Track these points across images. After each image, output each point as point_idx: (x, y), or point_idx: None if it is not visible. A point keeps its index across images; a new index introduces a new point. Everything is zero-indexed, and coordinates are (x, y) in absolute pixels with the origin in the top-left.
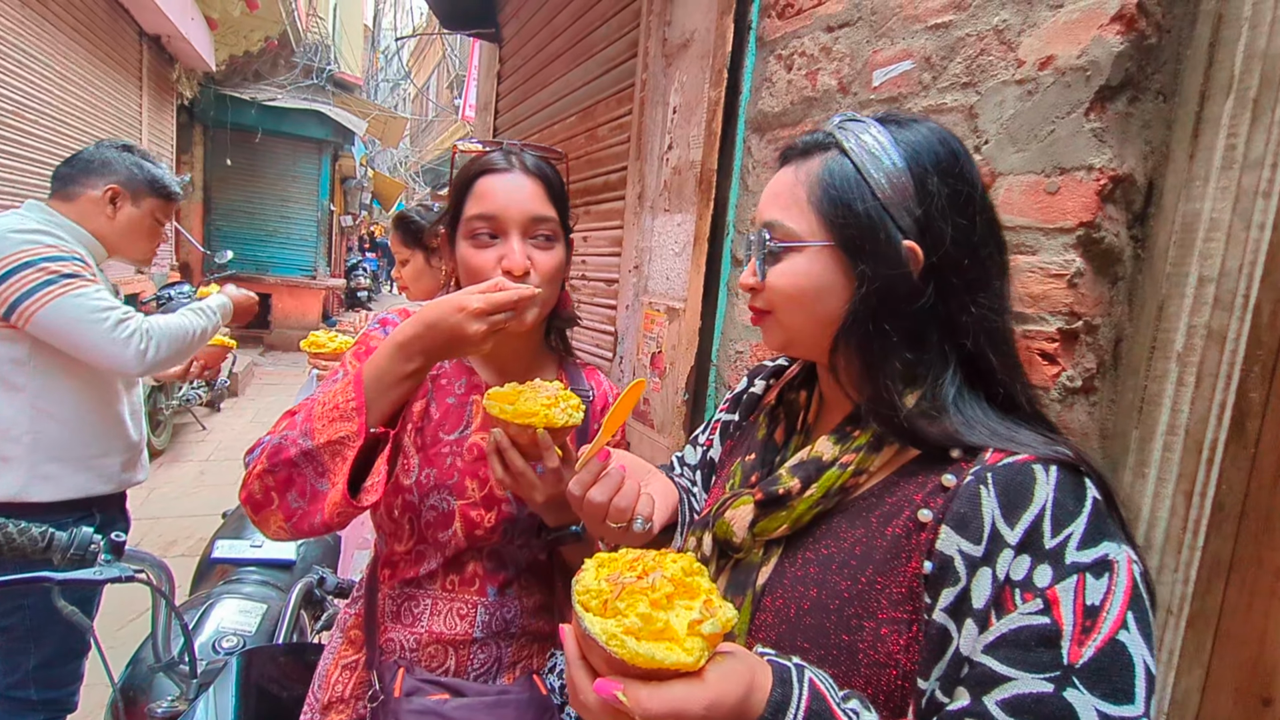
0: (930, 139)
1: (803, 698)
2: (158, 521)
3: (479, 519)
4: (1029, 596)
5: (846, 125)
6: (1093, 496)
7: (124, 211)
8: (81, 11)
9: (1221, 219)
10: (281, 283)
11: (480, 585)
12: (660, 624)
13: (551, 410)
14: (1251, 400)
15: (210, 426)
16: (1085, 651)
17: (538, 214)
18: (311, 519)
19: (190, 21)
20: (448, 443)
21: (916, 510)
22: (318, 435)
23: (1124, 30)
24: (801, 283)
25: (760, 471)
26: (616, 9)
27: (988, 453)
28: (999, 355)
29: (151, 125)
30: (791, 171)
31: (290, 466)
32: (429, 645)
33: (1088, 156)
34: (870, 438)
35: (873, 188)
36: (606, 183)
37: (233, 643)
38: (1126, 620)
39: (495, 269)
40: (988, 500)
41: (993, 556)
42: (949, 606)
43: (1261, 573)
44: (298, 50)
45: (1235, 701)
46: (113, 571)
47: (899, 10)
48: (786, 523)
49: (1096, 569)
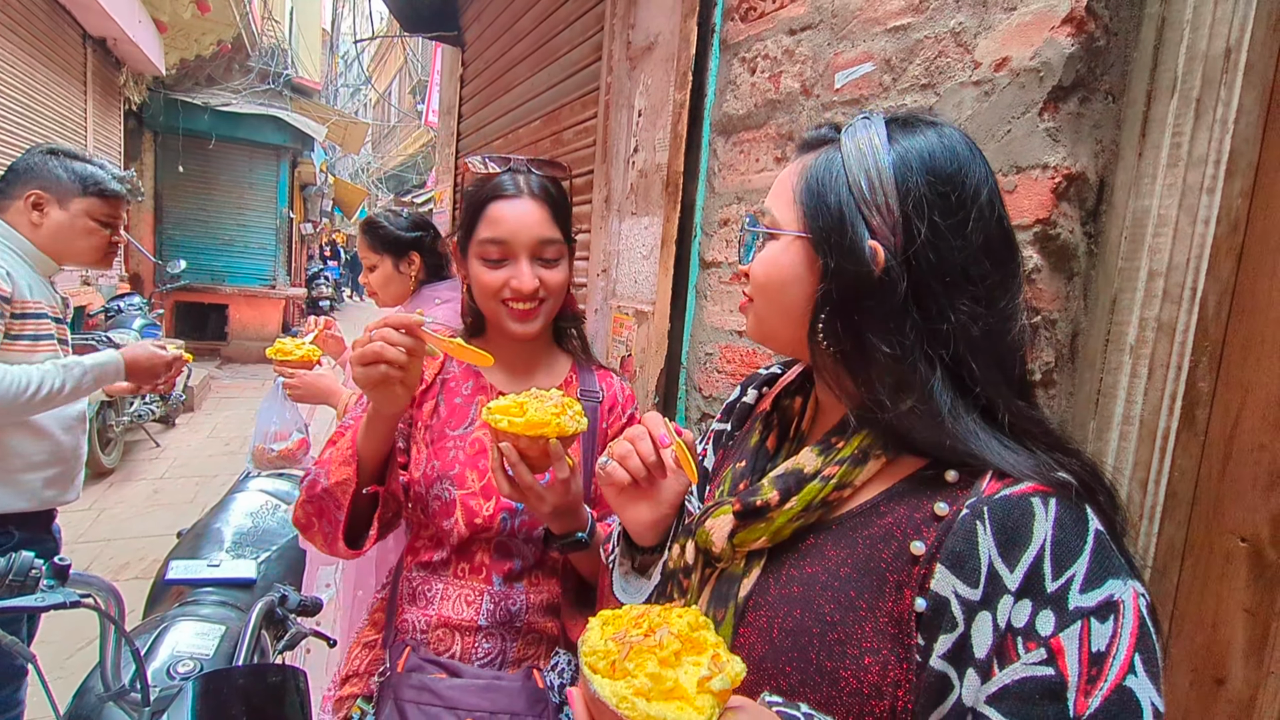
0: (931, 144)
1: None
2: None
3: (477, 508)
4: (1032, 645)
5: (856, 122)
6: (1094, 530)
7: (50, 216)
8: (19, 12)
9: (1169, 215)
10: (239, 293)
11: (487, 574)
12: (670, 683)
13: (561, 418)
14: (1200, 390)
15: (164, 443)
16: (1091, 702)
17: (544, 237)
18: (337, 545)
19: (138, 24)
20: (453, 438)
21: (908, 540)
22: (331, 476)
23: (1074, 32)
24: (772, 271)
25: (750, 479)
26: (580, 12)
27: (984, 481)
28: (981, 367)
29: (97, 131)
30: (797, 162)
31: (320, 499)
32: (438, 628)
33: (1043, 155)
34: (854, 450)
35: (850, 184)
36: (573, 186)
37: (189, 667)
38: (1133, 664)
39: (505, 287)
40: (984, 538)
41: (992, 601)
42: (947, 653)
43: (1213, 557)
44: (253, 54)
45: (1191, 682)
46: (56, 597)
47: (859, 13)
48: (765, 535)
49: (1101, 612)
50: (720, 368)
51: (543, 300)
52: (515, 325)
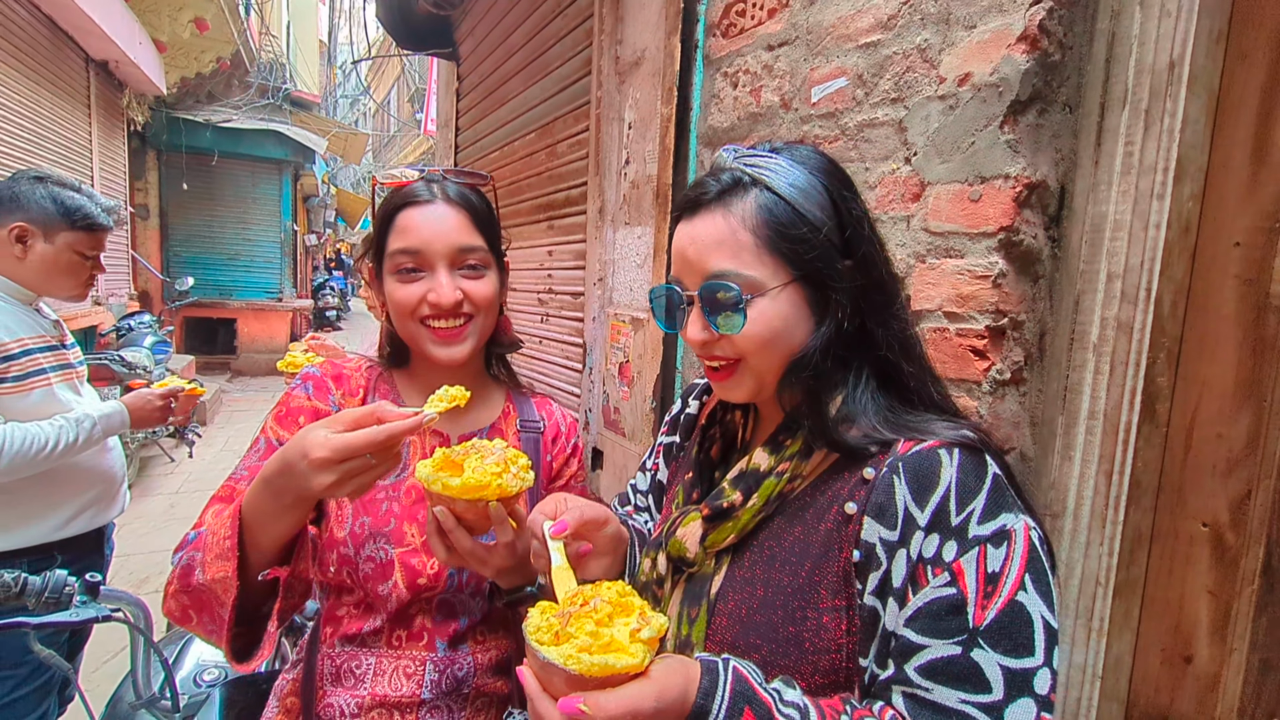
0: (824, 161)
1: (728, 681)
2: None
3: (420, 567)
4: (938, 571)
5: (752, 161)
6: (993, 473)
7: (35, 250)
8: (22, 40)
9: (1124, 219)
10: (246, 306)
11: (429, 639)
12: (606, 638)
13: (503, 478)
14: (1160, 385)
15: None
16: (988, 614)
17: (464, 244)
18: (224, 645)
19: (138, 46)
20: (383, 488)
21: (844, 504)
22: (208, 569)
23: (1029, 49)
24: (775, 325)
25: (700, 488)
26: (570, 28)
27: (899, 444)
28: (911, 362)
29: (102, 153)
30: (721, 217)
31: (197, 592)
32: (371, 710)
33: (1004, 166)
34: (801, 445)
35: (813, 219)
36: (568, 198)
37: (214, 675)
38: (1024, 582)
39: (423, 303)
40: (900, 488)
41: (907, 539)
42: (875, 589)
43: (1178, 542)
44: (252, 70)
45: (1162, 662)
46: (89, 612)
47: (832, 30)
48: (733, 533)
49: (996, 539)
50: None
51: (469, 317)
52: (438, 349)
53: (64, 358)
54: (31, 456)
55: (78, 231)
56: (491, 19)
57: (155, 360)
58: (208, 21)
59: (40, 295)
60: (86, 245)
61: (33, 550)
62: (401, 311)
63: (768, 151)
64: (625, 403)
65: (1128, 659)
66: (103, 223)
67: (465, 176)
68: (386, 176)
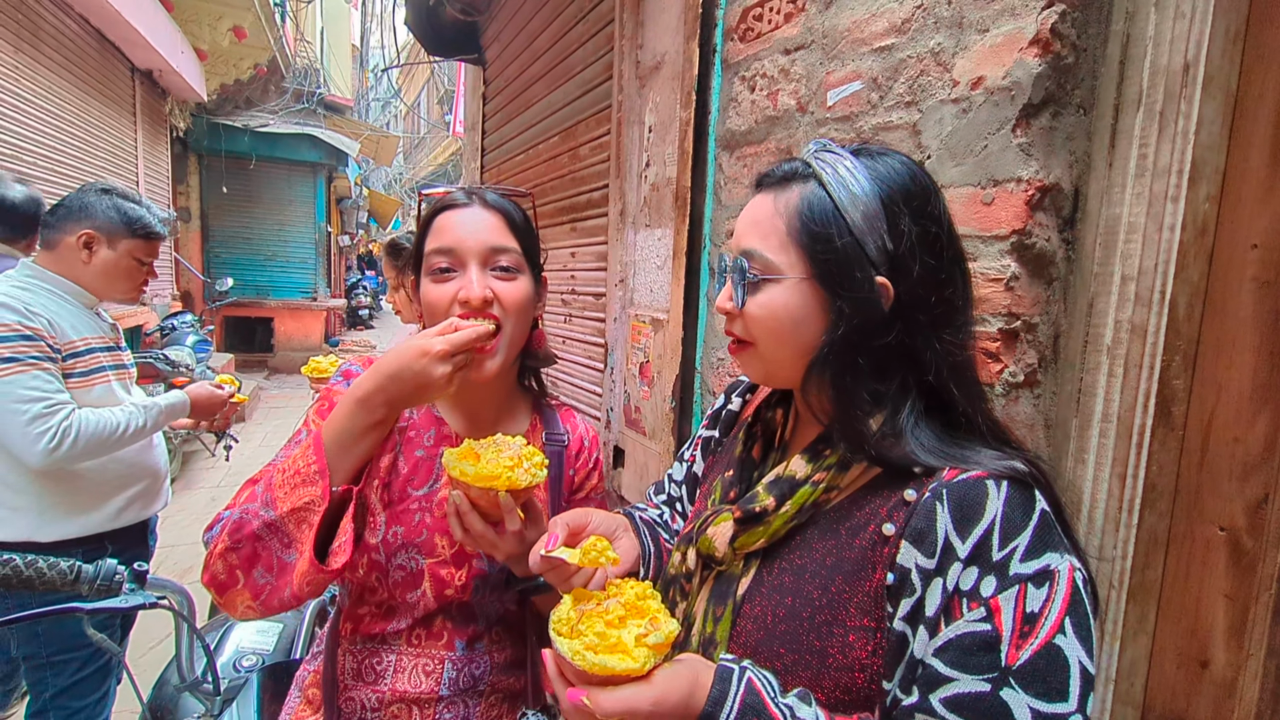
0: (903, 175)
1: (739, 693)
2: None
3: (449, 578)
4: (974, 605)
5: (823, 156)
6: (1041, 509)
7: (99, 255)
8: (74, 52)
9: (1138, 222)
10: (283, 305)
11: (449, 639)
12: (614, 639)
13: (515, 472)
14: (1176, 388)
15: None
16: (1022, 655)
17: (496, 244)
18: (280, 594)
19: (180, 55)
20: (416, 498)
21: (881, 524)
22: (280, 504)
23: (1041, 53)
24: (780, 315)
25: (738, 487)
26: (592, 33)
27: (945, 470)
28: (960, 387)
29: (147, 158)
30: (770, 200)
31: (254, 541)
32: (392, 704)
33: (1017, 169)
34: (840, 457)
35: (849, 224)
36: (590, 200)
37: (252, 661)
38: (1064, 625)
39: (453, 303)
40: (942, 515)
41: (944, 568)
42: (906, 615)
43: (1194, 545)
44: (287, 75)
45: (1178, 666)
46: (137, 599)
47: (847, 34)
48: (764, 537)
49: (1038, 578)
50: (732, 372)
51: (498, 328)
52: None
53: (119, 358)
54: (105, 438)
55: (137, 239)
56: (516, 25)
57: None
58: (246, 30)
59: (101, 299)
60: (144, 252)
61: (86, 540)
62: (432, 310)
63: (848, 151)
64: (645, 402)
65: (1143, 663)
66: (159, 232)
67: (506, 190)
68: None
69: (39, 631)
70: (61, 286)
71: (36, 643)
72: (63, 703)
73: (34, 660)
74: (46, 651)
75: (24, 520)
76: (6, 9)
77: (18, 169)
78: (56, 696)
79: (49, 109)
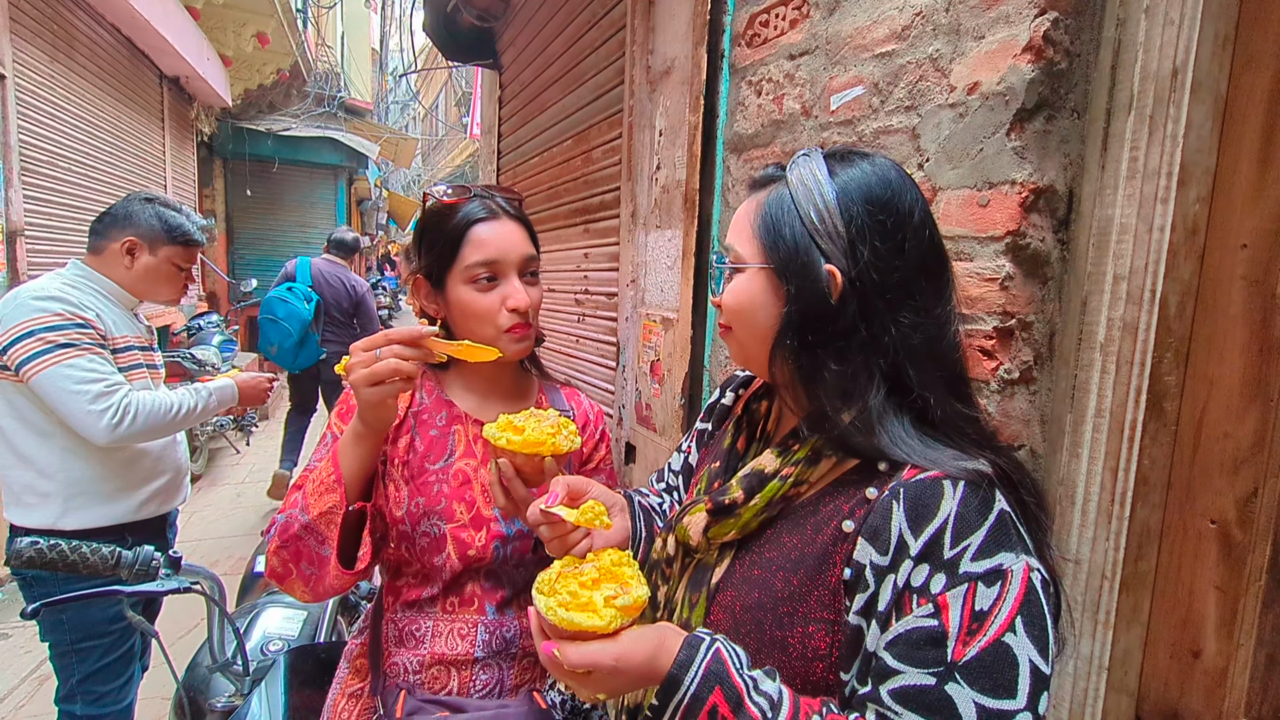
0: (866, 174)
1: (704, 660)
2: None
3: (470, 540)
4: (923, 601)
5: (798, 160)
6: (999, 510)
7: (141, 261)
8: (105, 60)
9: (1129, 223)
10: None
11: (479, 604)
12: (584, 599)
13: (557, 438)
14: (1167, 384)
15: (244, 450)
16: (969, 651)
17: (529, 254)
18: (324, 582)
19: (206, 61)
20: (434, 472)
21: (842, 521)
22: (312, 509)
23: (1034, 59)
24: (743, 300)
25: (723, 478)
26: (604, 39)
27: (906, 469)
28: (920, 370)
29: (174, 163)
30: (752, 202)
31: (297, 540)
32: (432, 667)
33: (1011, 172)
34: (809, 451)
35: (801, 217)
36: (603, 202)
37: (279, 645)
38: (1014, 624)
39: (501, 309)
40: (897, 514)
41: (897, 565)
42: (860, 609)
43: (1186, 538)
44: (309, 80)
45: (1170, 655)
46: (172, 584)
47: (850, 40)
48: (735, 529)
49: (989, 577)
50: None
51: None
52: (514, 346)
53: (152, 359)
54: (162, 417)
55: (176, 246)
56: (531, 30)
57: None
58: (269, 36)
59: (141, 301)
60: (182, 258)
61: (107, 530)
62: (483, 316)
63: (823, 154)
64: (656, 399)
65: (1137, 652)
66: (197, 239)
67: (505, 193)
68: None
69: (63, 619)
70: (106, 288)
71: (61, 630)
72: (88, 687)
73: (59, 647)
74: (71, 638)
75: (50, 507)
76: (42, 20)
77: (52, 174)
78: (83, 681)
79: (82, 116)
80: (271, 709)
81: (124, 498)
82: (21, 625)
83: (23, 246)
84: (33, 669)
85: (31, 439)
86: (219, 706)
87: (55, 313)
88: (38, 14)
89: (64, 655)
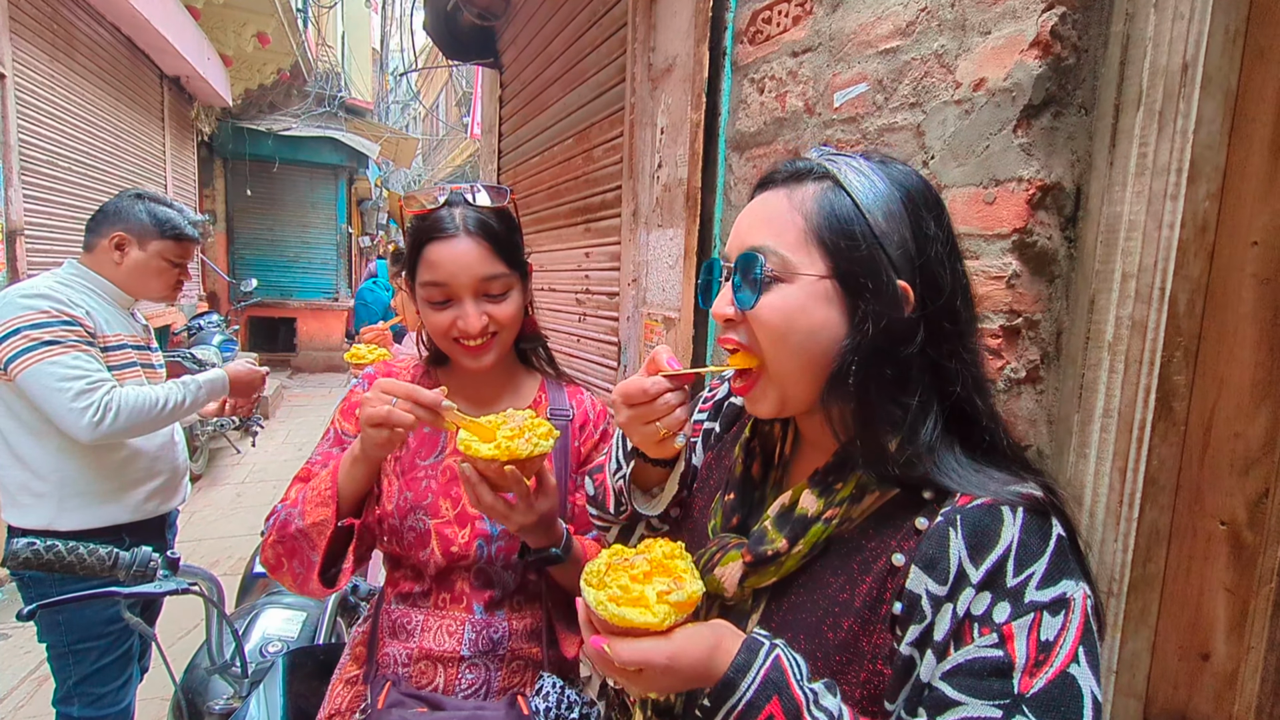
0: (918, 182)
1: (764, 666)
2: (200, 543)
3: (453, 536)
4: (986, 630)
5: (835, 158)
6: (1057, 535)
7: (130, 256)
8: (106, 60)
9: (1138, 220)
10: (305, 306)
11: (468, 603)
12: (636, 593)
13: (514, 443)
14: (1177, 383)
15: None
16: (1036, 683)
17: (486, 274)
18: (309, 584)
19: (206, 61)
20: (424, 468)
21: (891, 555)
22: (307, 517)
23: (1041, 55)
24: (795, 317)
25: (740, 513)
26: (605, 37)
27: (958, 496)
28: (984, 401)
29: (174, 163)
30: (783, 197)
31: (291, 540)
32: (419, 661)
33: (1018, 169)
34: (853, 489)
35: (871, 224)
36: (604, 201)
37: (278, 646)
38: (1078, 655)
39: (452, 329)
40: (955, 541)
41: (956, 594)
42: (914, 640)
43: (1196, 539)
44: (309, 79)
45: (1179, 658)
46: (170, 585)
47: (854, 36)
48: (775, 576)
49: (1054, 606)
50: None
51: (494, 334)
52: (468, 361)
53: (149, 358)
54: (146, 412)
55: (166, 240)
56: (532, 29)
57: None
58: (269, 35)
59: (136, 299)
60: (174, 253)
61: (104, 531)
62: (435, 332)
63: (857, 155)
64: None
65: (1145, 655)
66: (189, 233)
67: (492, 191)
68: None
69: (60, 620)
70: (99, 285)
71: (58, 632)
72: (86, 688)
73: (57, 648)
74: (68, 640)
75: (46, 508)
76: (42, 19)
77: (52, 174)
78: (80, 683)
79: (82, 115)
80: (270, 711)
81: (120, 498)
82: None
83: (22, 246)
84: (32, 669)
85: (26, 438)
86: (217, 709)
87: (41, 310)
88: (38, 14)
89: (61, 656)
